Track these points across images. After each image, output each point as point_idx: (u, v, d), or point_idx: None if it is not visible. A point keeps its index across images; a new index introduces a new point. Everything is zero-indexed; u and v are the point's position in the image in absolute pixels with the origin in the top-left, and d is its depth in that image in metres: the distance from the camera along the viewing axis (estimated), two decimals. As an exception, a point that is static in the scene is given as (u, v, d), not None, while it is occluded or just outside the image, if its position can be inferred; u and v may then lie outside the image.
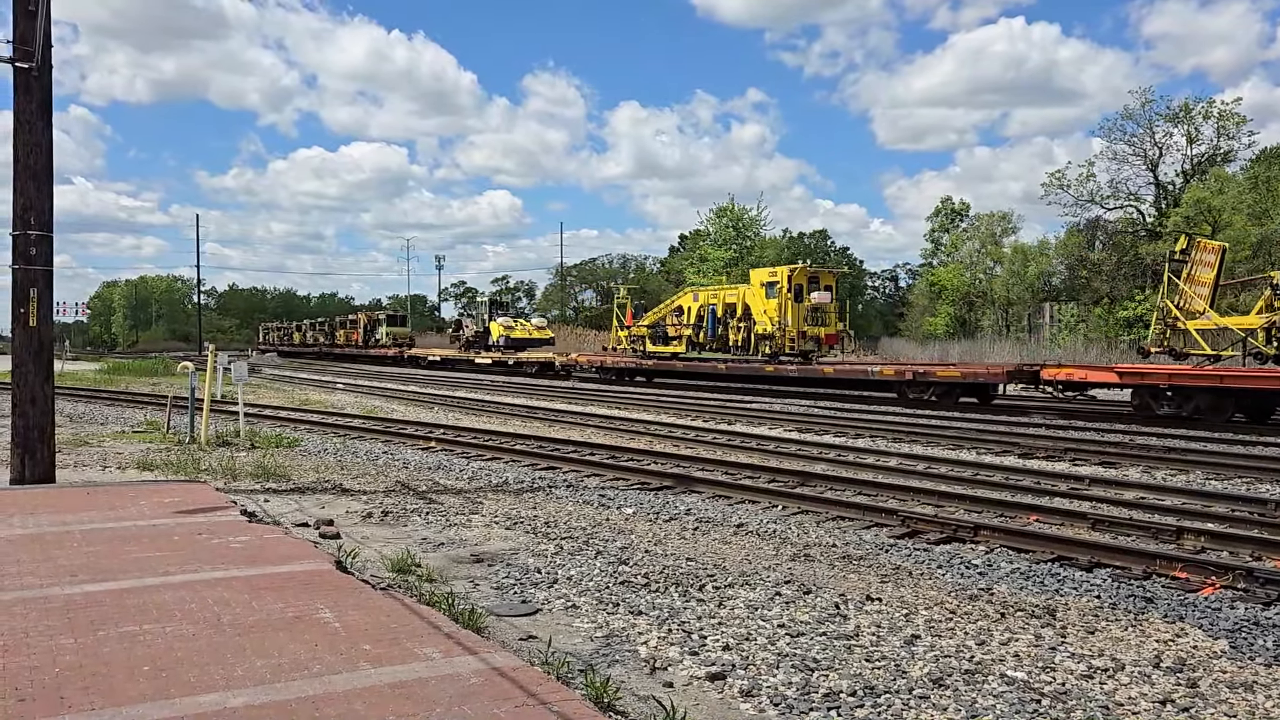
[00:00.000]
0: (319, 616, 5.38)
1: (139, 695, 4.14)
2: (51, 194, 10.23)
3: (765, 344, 29.67)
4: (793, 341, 29.14)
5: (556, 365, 39.89)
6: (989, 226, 65.17)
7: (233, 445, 15.08)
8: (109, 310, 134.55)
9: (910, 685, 4.93)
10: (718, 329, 31.92)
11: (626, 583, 6.91)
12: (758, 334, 30.07)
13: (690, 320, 33.21)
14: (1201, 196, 45.87)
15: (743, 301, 30.96)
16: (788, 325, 29.09)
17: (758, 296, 30.25)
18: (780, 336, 29.14)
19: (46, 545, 7.14)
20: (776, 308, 29.31)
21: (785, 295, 29.15)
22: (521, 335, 47.66)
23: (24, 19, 9.92)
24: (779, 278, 29.76)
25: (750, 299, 30.68)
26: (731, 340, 31.20)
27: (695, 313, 33.12)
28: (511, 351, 45.56)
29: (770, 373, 28.52)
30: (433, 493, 10.97)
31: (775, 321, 29.25)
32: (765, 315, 29.73)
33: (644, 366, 34.32)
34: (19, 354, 10.24)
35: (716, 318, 31.99)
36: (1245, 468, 12.90)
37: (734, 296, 31.55)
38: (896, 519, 9.39)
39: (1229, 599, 6.81)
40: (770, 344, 29.42)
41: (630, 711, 4.50)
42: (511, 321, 49.64)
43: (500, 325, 48.45)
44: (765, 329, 29.62)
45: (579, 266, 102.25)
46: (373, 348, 60.00)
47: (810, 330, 29.50)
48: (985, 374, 22.92)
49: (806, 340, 29.42)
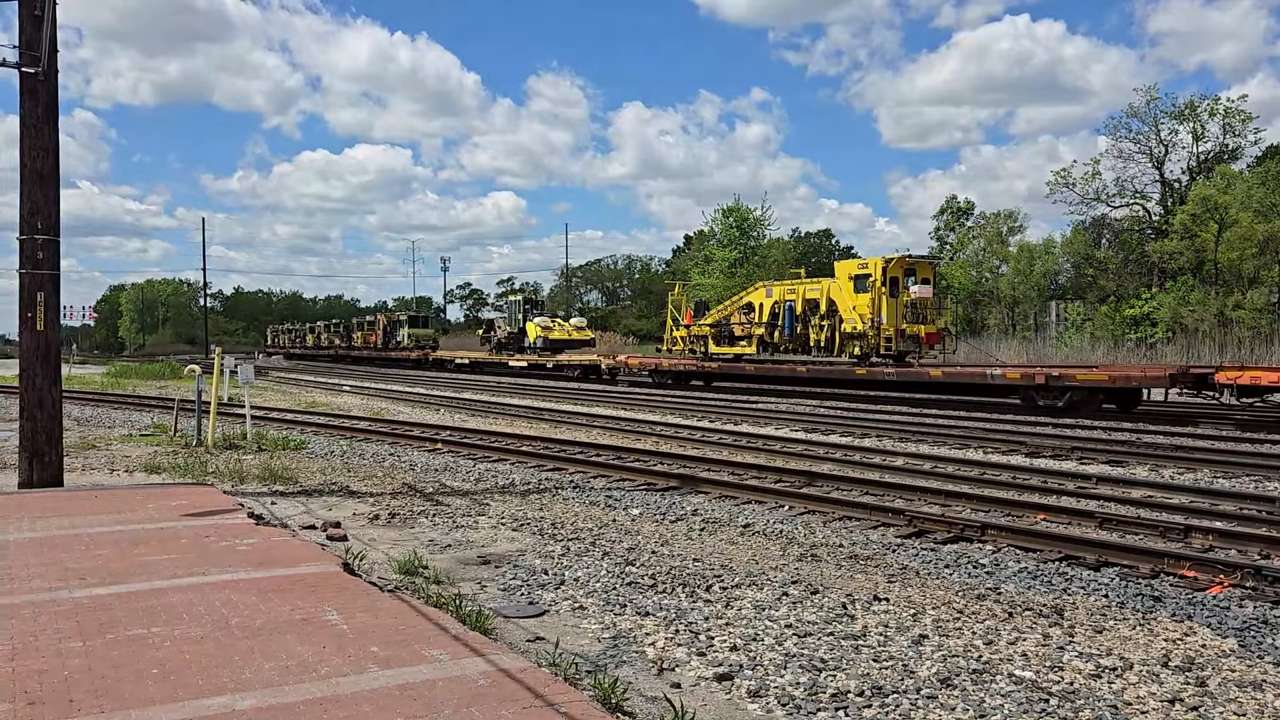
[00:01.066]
0: (326, 619, 5.39)
1: (147, 698, 4.15)
2: (58, 198, 10.26)
3: (854, 344, 26.93)
4: (888, 341, 26.13)
5: (603, 368, 37.22)
6: (995, 225, 65.01)
7: (240, 448, 15.11)
8: (116, 314, 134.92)
9: (918, 685, 4.92)
10: (796, 328, 29.11)
11: (633, 584, 6.91)
12: (845, 333, 27.21)
13: (763, 318, 30.43)
14: (1208, 194, 45.68)
15: (826, 297, 28.06)
16: (882, 323, 26.13)
17: (845, 291, 27.33)
18: (874, 335, 26.25)
19: (55, 548, 7.16)
20: (869, 303, 26.36)
21: (879, 289, 26.21)
22: (560, 336, 44.88)
23: (29, 24, 9.95)
24: (871, 270, 26.72)
25: (836, 294, 27.76)
26: (812, 340, 28.53)
27: (769, 310, 30.23)
28: (549, 354, 43.01)
29: (861, 376, 25.67)
30: (439, 494, 10.98)
31: (867, 319, 26.39)
32: (854, 312, 26.81)
33: (706, 369, 31.45)
34: (27, 358, 10.28)
35: (795, 315, 29.11)
36: (1253, 465, 12.86)
37: (816, 292, 28.64)
38: (903, 519, 9.38)
39: (1237, 597, 6.79)
40: (860, 344, 26.65)
41: (638, 712, 4.50)
42: (549, 321, 46.62)
43: (537, 326, 45.44)
44: (855, 327, 26.75)
45: (584, 267, 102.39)
46: (393, 350, 57.30)
47: (909, 329, 26.35)
48: (1140, 378, 20.28)
49: (904, 340, 26.33)
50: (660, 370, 33.41)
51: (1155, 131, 51.49)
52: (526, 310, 48.31)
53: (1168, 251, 46.67)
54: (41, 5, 9.89)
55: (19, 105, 10.14)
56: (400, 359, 55.11)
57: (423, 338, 57.20)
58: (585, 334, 46.86)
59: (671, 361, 33.27)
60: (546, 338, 44.39)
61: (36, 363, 10.29)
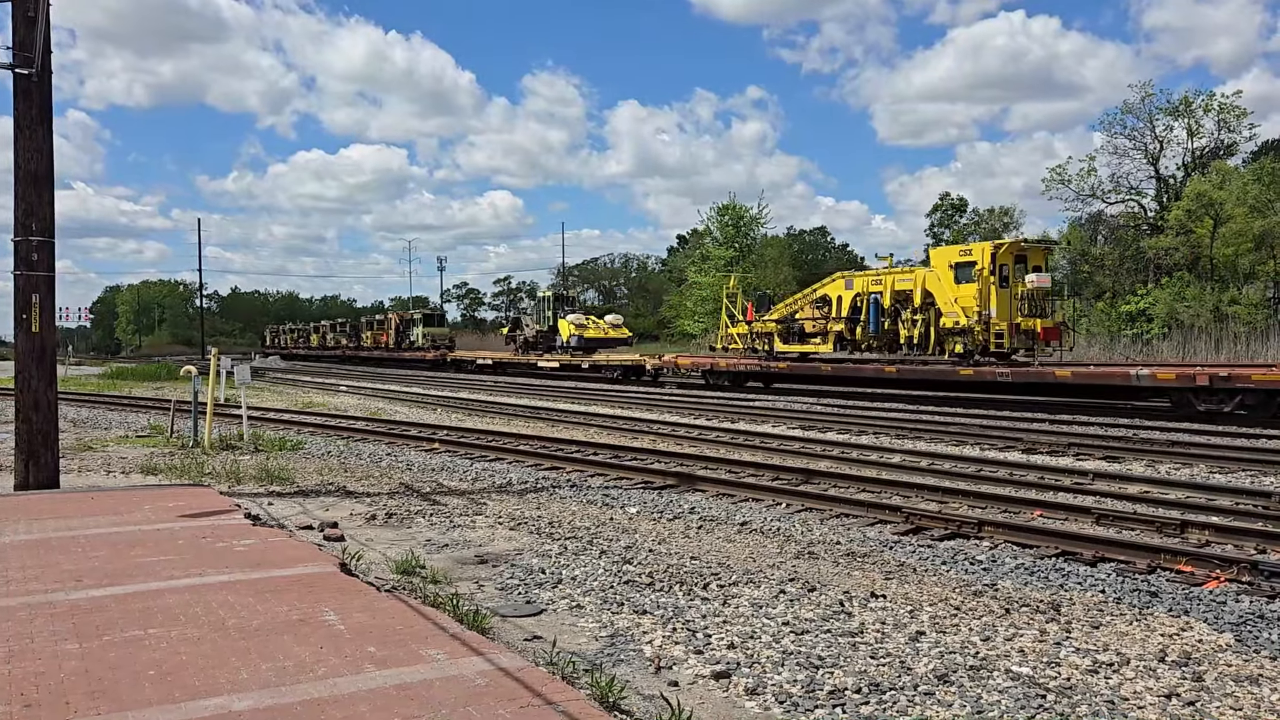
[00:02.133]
0: (324, 619, 5.38)
1: (144, 700, 4.15)
2: (53, 199, 10.24)
3: (956, 340, 24.13)
4: (998, 337, 23.29)
5: (647, 369, 34.30)
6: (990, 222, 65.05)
7: (236, 449, 15.09)
8: (112, 315, 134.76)
9: (915, 682, 4.93)
10: (882, 323, 26.16)
11: (631, 582, 6.91)
12: (944, 329, 24.38)
13: (840, 312, 27.45)
14: (1203, 190, 45.74)
15: (921, 288, 25.12)
16: (991, 317, 23.34)
17: (944, 281, 24.45)
18: (980, 331, 23.46)
19: (51, 550, 7.15)
20: (975, 295, 23.56)
21: (987, 279, 23.38)
22: (596, 335, 41.55)
23: (23, 25, 9.93)
24: (977, 257, 23.84)
25: (933, 285, 24.84)
26: (902, 337, 25.67)
27: (849, 304, 27.25)
28: (582, 354, 40.11)
29: (965, 378, 22.93)
30: (436, 494, 10.97)
31: (972, 312, 23.59)
32: (956, 305, 23.98)
33: (771, 370, 28.54)
34: (22, 359, 10.26)
35: (881, 309, 26.17)
36: (1249, 460, 12.88)
37: (908, 282, 25.71)
38: (900, 515, 9.38)
39: (1234, 592, 6.80)
40: (964, 340, 23.84)
41: (635, 711, 4.50)
42: (583, 318, 43.05)
43: (570, 324, 41.91)
44: (957, 322, 23.90)
45: (581, 266, 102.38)
46: (407, 350, 54.47)
47: (1023, 322, 23.36)
48: None
49: (1019, 335, 23.43)
50: (715, 371, 30.62)
51: (1150, 128, 51.54)
52: (557, 306, 44.87)
53: (1163, 248, 46.70)
54: (35, 6, 9.86)
55: (13, 107, 10.13)
56: (414, 360, 52.09)
57: (439, 337, 54.57)
58: (622, 332, 43.34)
59: (729, 361, 30.38)
60: (582, 336, 41.11)
61: (32, 364, 10.26)
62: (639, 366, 35.07)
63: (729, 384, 30.20)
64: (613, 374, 36.00)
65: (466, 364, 47.13)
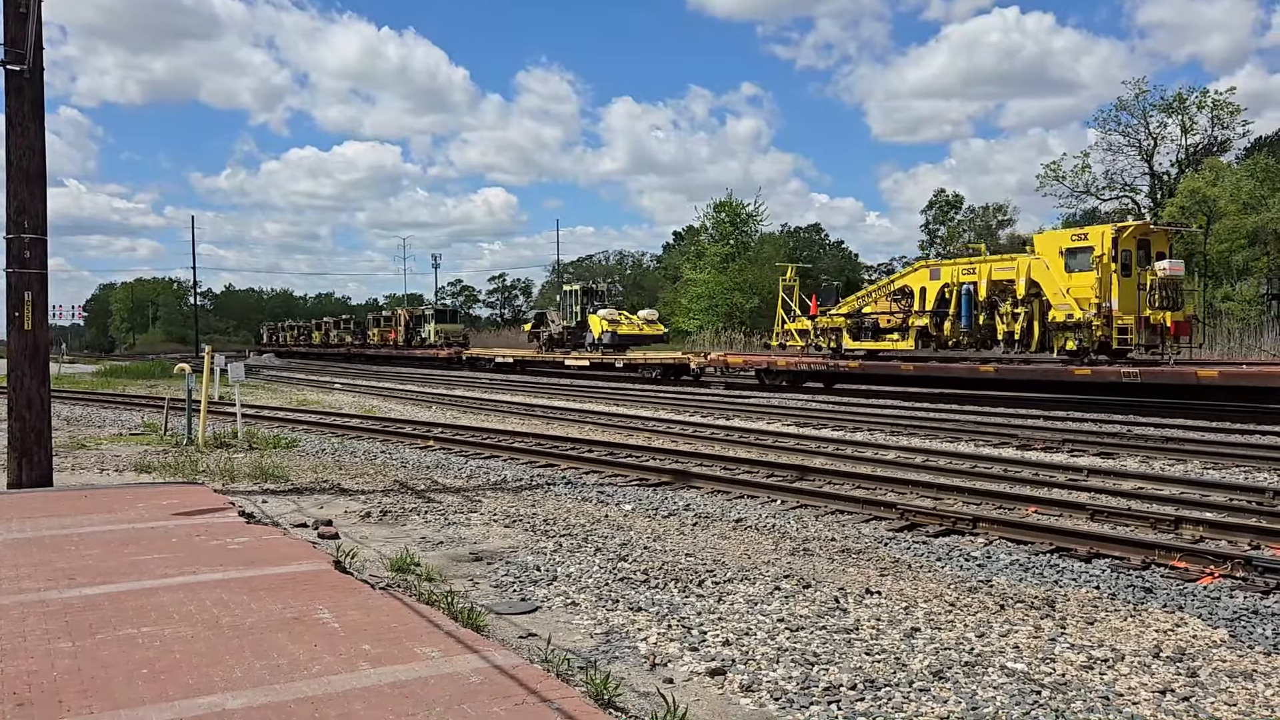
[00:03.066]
0: (318, 617, 5.37)
1: (137, 698, 4.13)
2: (45, 197, 10.20)
3: (1066, 336, 21.58)
4: (1122, 333, 20.73)
5: (692, 367, 31.55)
6: (984, 218, 65.15)
7: (230, 446, 15.06)
8: (106, 313, 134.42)
9: (910, 678, 4.93)
10: (976, 316, 23.64)
11: (626, 579, 6.90)
12: (1054, 323, 21.84)
13: (924, 306, 24.82)
14: (1196, 186, 45.87)
15: (1025, 277, 22.43)
16: (1113, 309, 20.76)
17: (1053, 269, 21.88)
18: (1100, 325, 20.88)
19: (44, 549, 7.13)
20: (1093, 284, 20.94)
21: (1108, 266, 20.86)
22: (630, 331, 38.68)
23: (14, 21, 9.88)
24: (1095, 242, 21.20)
25: (1039, 273, 22.23)
26: (1000, 332, 23.13)
27: (935, 296, 24.63)
28: (613, 351, 37.47)
29: (1081, 378, 20.36)
30: (431, 491, 10.96)
31: (1088, 304, 21.00)
32: (1067, 296, 21.40)
33: (840, 369, 26.01)
34: (15, 357, 10.22)
35: (975, 301, 23.63)
36: (1243, 456, 12.92)
37: (1009, 271, 23.06)
38: (895, 512, 9.39)
39: (1228, 588, 6.82)
40: (1077, 336, 21.30)
41: (631, 708, 4.50)
42: (616, 313, 40.19)
43: (602, 319, 39.10)
44: (1070, 315, 21.31)
45: (576, 264, 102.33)
46: (418, 348, 52.01)
47: (1153, 315, 20.66)
48: None
49: (1146, 330, 20.80)
50: (773, 370, 27.83)
51: (1144, 124, 51.68)
52: (586, 301, 41.96)
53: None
54: (26, 2, 9.81)
55: (4, 104, 10.09)
56: (426, 358, 49.65)
57: (452, 334, 52.10)
58: (657, 328, 40.46)
59: (789, 359, 27.73)
60: (615, 333, 38.25)
61: (24, 362, 10.23)
62: (681, 365, 32.32)
63: (787, 384, 27.57)
64: (651, 373, 33.41)
65: (483, 362, 44.81)
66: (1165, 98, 50.78)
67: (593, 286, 45.50)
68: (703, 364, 31.12)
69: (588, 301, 41.97)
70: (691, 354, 33.07)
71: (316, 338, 68.95)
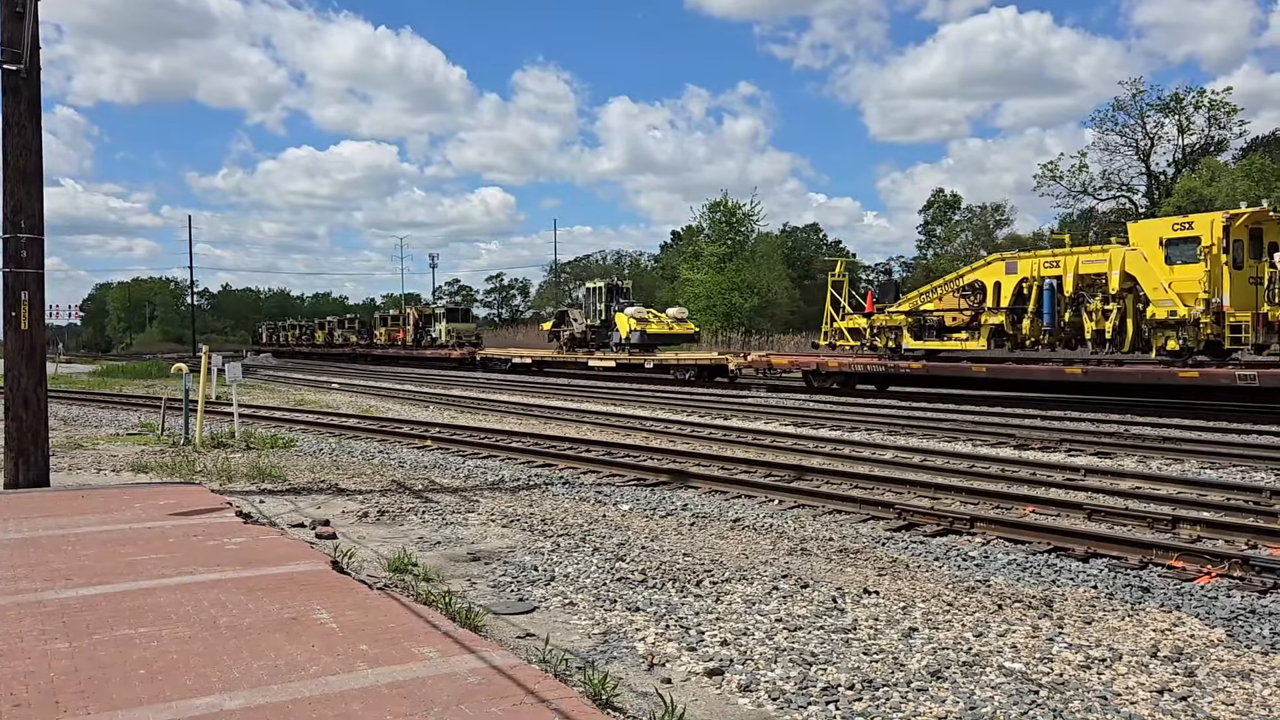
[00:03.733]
0: (315, 617, 5.37)
1: (134, 699, 4.12)
2: (42, 196, 10.18)
3: (1166, 335, 19.78)
4: (1235, 331, 18.73)
5: (730, 368, 29.67)
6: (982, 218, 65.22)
7: (228, 446, 15.04)
8: (103, 313, 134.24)
9: (908, 678, 4.93)
10: (1060, 313, 21.80)
11: (623, 579, 6.90)
12: (1152, 320, 20.00)
13: (999, 302, 22.99)
14: (1193, 186, 45.96)
15: (1120, 270, 20.43)
16: (1224, 305, 18.81)
17: (1152, 262, 19.94)
18: (1208, 323, 18.97)
19: (41, 549, 7.12)
20: (1200, 279, 19.05)
21: (1217, 258, 18.85)
22: (660, 330, 36.57)
23: (11, 21, 9.87)
24: (1202, 231, 19.20)
25: (1135, 266, 20.29)
26: (1089, 330, 21.22)
27: (1011, 291, 22.78)
28: (640, 351, 35.59)
29: (1187, 380, 18.45)
30: (429, 491, 10.95)
31: (1194, 300, 19.14)
32: (1169, 291, 19.53)
33: (900, 370, 24.31)
34: (11, 357, 10.20)
35: (1057, 297, 21.76)
36: (1240, 456, 12.93)
37: (1099, 264, 21.08)
38: (893, 512, 9.39)
39: (1225, 587, 6.82)
40: (1181, 335, 19.46)
41: (629, 708, 4.49)
42: (644, 312, 37.98)
43: (631, 318, 36.85)
44: (1172, 312, 19.47)
45: (573, 263, 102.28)
46: (428, 348, 50.38)
47: (1272, 312, 18.44)
48: None
49: (1265, 329, 18.47)
50: (823, 371, 26.07)
51: (1141, 124, 51.79)
52: (611, 299, 39.58)
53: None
54: (23, 2, 9.80)
55: (1, 103, 10.06)
56: (437, 358, 48.14)
57: (464, 333, 50.12)
58: (688, 327, 38.27)
59: (842, 360, 25.91)
60: (644, 331, 35.98)
61: (21, 362, 10.21)
62: (718, 366, 30.30)
63: (838, 387, 25.94)
64: (684, 375, 31.34)
65: (499, 363, 42.96)
66: (1162, 98, 50.94)
67: (618, 284, 42.40)
68: (741, 365, 29.25)
69: (612, 299, 39.67)
70: (730, 354, 31.27)
71: (320, 337, 67.54)
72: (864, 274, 74.38)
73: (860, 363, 25.39)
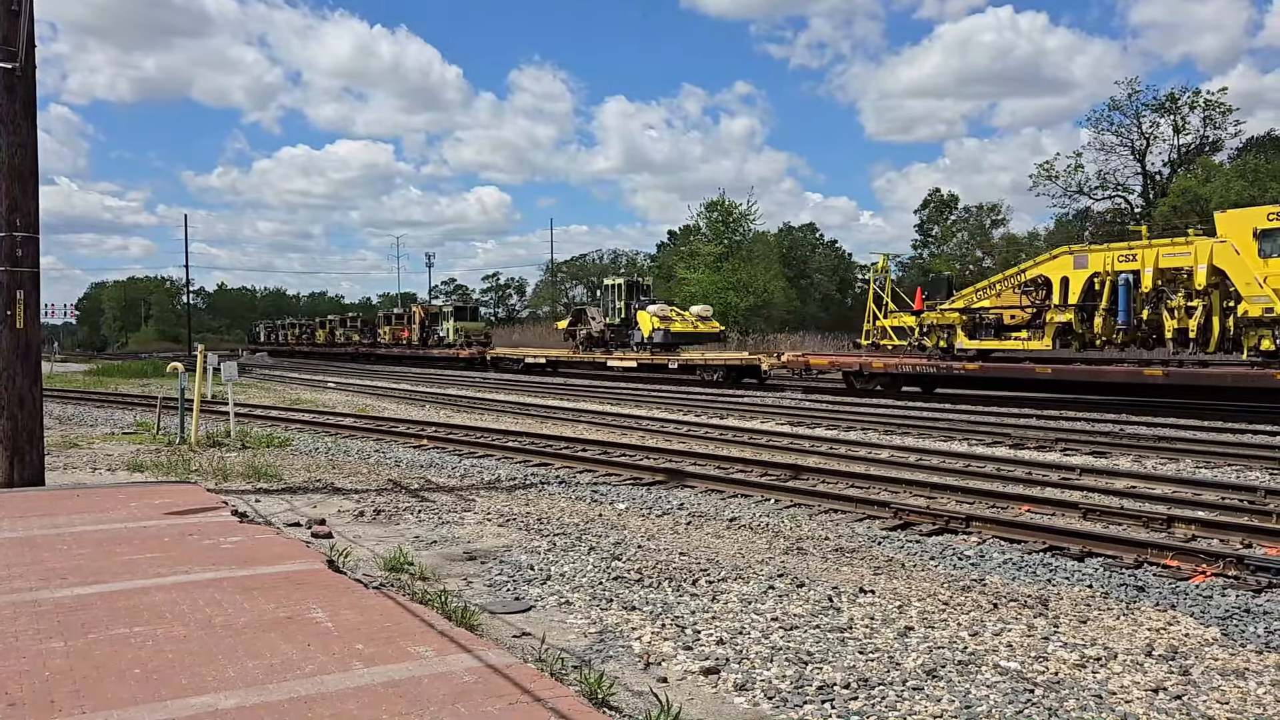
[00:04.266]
0: (311, 616, 5.36)
1: (130, 698, 4.12)
2: (37, 194, 10.16)
3: (1260, 334, 18.26)
4: None
5: (764, 369, 28.16)
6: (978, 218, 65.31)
7: (223, 445, 15.02)
8: (98, 312, 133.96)
9: (904, 677, 4.94)
10: (1137, 311, 20.29)
11: (620, 578, 6.90)
12: (1247, 318, 18.36)
13: (1068, 299, 21.39)
14: (1188, 186, 46.05)
15: (1207, 264, 18.89)
16: None
17: (1245, 254, 18.36)
18: None
19: (36, 548, 7.10)
20: None
21: None
22: (684, 329, 35.22)
23: (6, 19, 9.84)
24: None
25: (1224, 259, 18.72)
26: (1170, 329, 19.68)
27: (1081, 287, 21.15)
28: (663, 351, 34.09)
29: None
30: (425, 490, 10.95)
31: None
32: (1264, 286, 17.95)
33: (954, 371, 22.85)
34: (6, 356, 10.17)
35: (1134, 293, 20.28)
36: (1235, 455, 12.96)
37: (1180, 257, 19.58)
38: (889, 511, 9.40)
39: (1220, 586, 6.84)
40: (1277, 334, 18.05)
41: (625, 707, 4.50)
42: (667, 309, 36.58)
43: (654, 316, 35.31)
44: (1269, 309, 17.95)
45: (569, 263, 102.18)
46: (435, 347, 49.20)
47: None
48: None
49: None
50: (867, 373, 24.71)
51: (1137, 124, 51.88)
52: (631, 297, 37.91)
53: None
54: (18, 0, 9.78)
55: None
56: (444, 358, 46.82)
57: (473, 332, 48.66)
58: (713, 325, 36.77)
59: (887, 360, 24.58)
60: (668, 330, 34.51)
61: (16, 361, 10.19)
62: (749, 366, 28.71)
63: (882, 389, 24.58)
64: (711, 376, 29.65)
65: (510, 363, 41.58)
66: (1158, 98, 51.00)
67: (638, 281, 40.67)
68: (775, 365, 27.57)
69: (632, 297, 37.92)
70: (761, 353, 29.73)
71: (321, 336, 65.95)
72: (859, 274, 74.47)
73: (909, 363, 23.93)
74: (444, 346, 48.63)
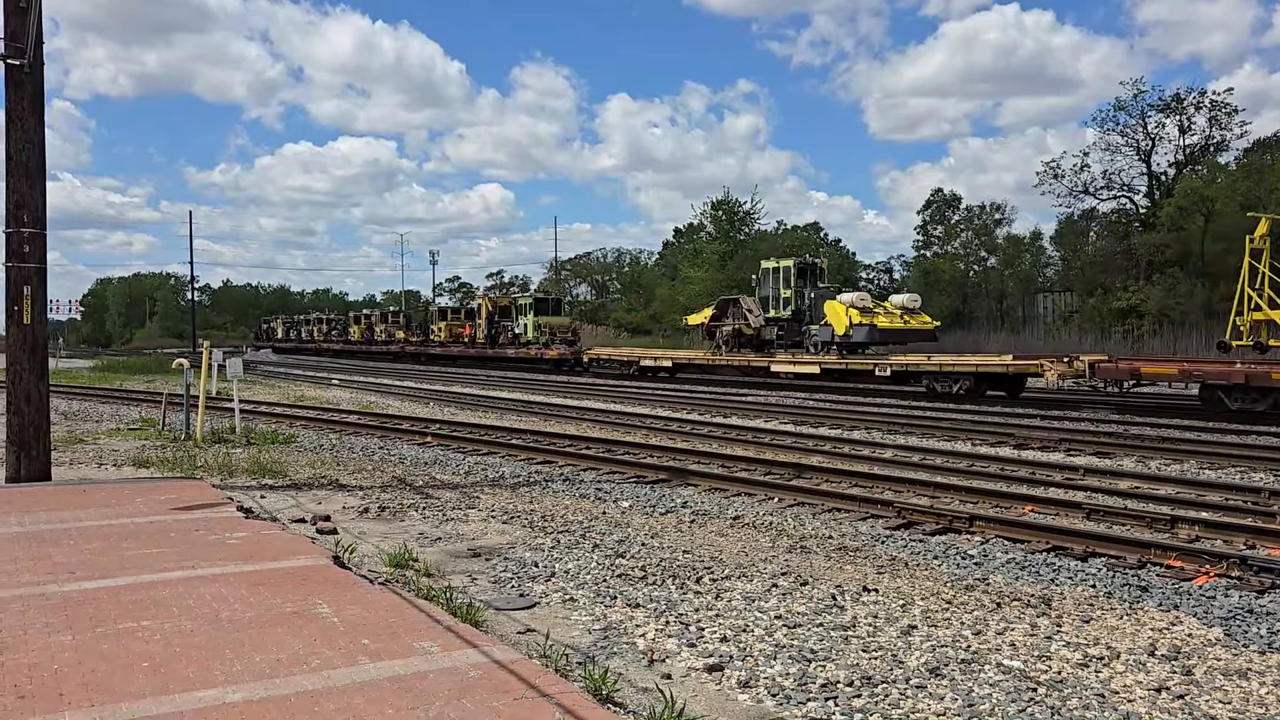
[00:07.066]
0: (317, 612, 5.39)
1: (138, 692, 4.15)
2: (44, 191, 10.21)
3: None
4: None
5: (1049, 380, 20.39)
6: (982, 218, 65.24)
7: (229, 442, 15.06)
8: (103, 308, 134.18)
9: (907, 675, 4.95)
10: None
11: (624, 575, 6.93)
12: None
13: None
14: (1194, 186, 45.96)
15: None
16: None
17: None
18: None
19: (44, 543, 7.14)
20: None
21: None
22: (891, 325, 26.55)
23: (15, 15, 9.88)
24: None
25: None
26: None
27: None
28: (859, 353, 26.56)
29: None
30: (429, 487, 10.97)
31: None
32: None
33: None
34: (13, 352, 10.22)
35: None
36: (1239, 456, 12.95)
37: None
38: (892, 510, 9.41)
39: (1223, 587, 6.84)
40: None
41: (629, 703, 4.52)
42: (867, 299, 27.81)
43: (849, 308, 26.64)
44: None
45: (573, 261, 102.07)
46: (508, 346, 41.91)
47: None
48: None
49: None
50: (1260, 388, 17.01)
51: (1143, 124, 51.70)
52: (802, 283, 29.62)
53: (1155, 244, 46.88)
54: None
55: (4, 98, 10.08)
56: (522, 359, 39.98)
57: (558, 329, 40.95)
58: (923, 319, 27.69)
59: None
60: (873, 326, 26.12)
61: (23, 357, 10.23)
62: (1016, 376, 21.42)
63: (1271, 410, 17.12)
64: (948, 388, 22.29)
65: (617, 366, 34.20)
66: (1163, 98, 50.86)
67: (813, 262, 31.22)
68: (1065, 373, 19.94)
69: (803, 284, 29.49)
70: (1044, 359, 21.14)
71: (356, 333, 58.58)
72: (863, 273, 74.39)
73: None
74: (520, 345, 41.52)
